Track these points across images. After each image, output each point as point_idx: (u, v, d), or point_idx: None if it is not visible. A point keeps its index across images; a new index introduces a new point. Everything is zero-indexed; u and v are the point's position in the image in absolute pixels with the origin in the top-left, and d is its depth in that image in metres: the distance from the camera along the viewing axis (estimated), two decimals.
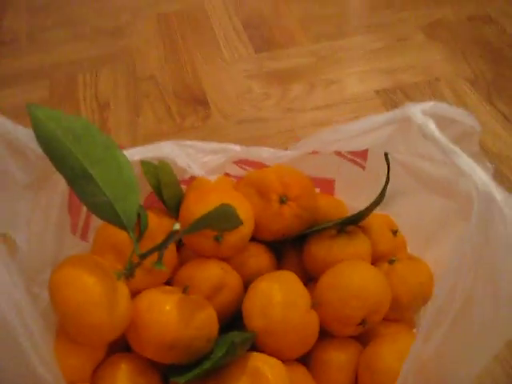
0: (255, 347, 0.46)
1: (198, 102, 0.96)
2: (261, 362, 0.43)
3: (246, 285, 0.52)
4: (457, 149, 0.30)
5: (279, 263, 0.57)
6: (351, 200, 0.59)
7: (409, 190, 0.51)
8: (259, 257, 0.55)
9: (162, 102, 0.96)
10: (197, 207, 0.49)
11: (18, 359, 0.28)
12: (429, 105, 0.34)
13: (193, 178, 0.56)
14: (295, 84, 0.99)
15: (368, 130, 0.42)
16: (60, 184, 0.48)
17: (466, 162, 0.29)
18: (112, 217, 0.39)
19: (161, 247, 0.38)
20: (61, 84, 1.03)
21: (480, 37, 1.08)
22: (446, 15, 1.12)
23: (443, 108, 0.33)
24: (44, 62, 1.09)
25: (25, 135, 0.39)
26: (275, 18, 1.16)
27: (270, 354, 0.45)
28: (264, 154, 0.50)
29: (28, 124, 0.92)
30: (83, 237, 0.52)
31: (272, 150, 0.50)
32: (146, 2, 1.23)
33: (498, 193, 0.27)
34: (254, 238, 0.55)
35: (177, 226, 0.36)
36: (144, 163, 0.51)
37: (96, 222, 0.53)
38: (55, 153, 0.39)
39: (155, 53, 1.09)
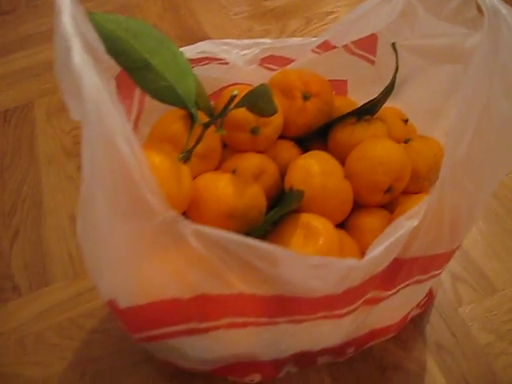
0: None
1: None
2: (311, 218, 0.49)
3: (280, 175, 0.58)
4: None
5: None
6: (364, 99, 0.66)
7: (417, 71, 0.57)
8: (289, 150, 0.61)
9: None
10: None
11: (133, 188, 0.34)
12: None
13: (222, 89, 0.62)
14: (292, 20, 1.05)
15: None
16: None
17: None
18: (174, 98, 0.46)
19: (222, 114, 0.45)
20: None
21: None
22: None
23: None
24: (48, 26, 1.13)
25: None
26: None
27: None
28: (291, 42, 0.56)
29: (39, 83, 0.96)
30: None
31: (298, 39, 0.56)
32: None
33: (503, 7, 0.34)
34: (281, 136, 0.62)
35: (236, 92, 0.43)
36: None
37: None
38: (118, 50, 0.45)
39: (154, 7, 1.13)
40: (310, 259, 0.35)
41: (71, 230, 0.77)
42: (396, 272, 0.42)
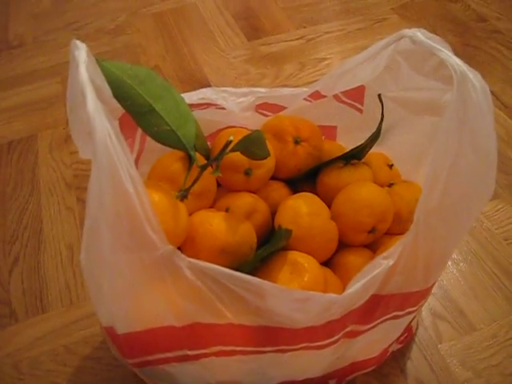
0: None
1: (202, 85, 1.06)
2: (298, 256, 0.53)
3: (271, 214, 0.62)
4: (439, 47, 0.41)
5: None
6: (352, 144, 0.70)
7: (401, 120, 0.61)
8: (280, 190, 0.65)
9: None
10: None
11: (135, 223, 0.37)
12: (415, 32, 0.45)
13: (218, 131, 0.66)
14: (287, 64, 1.10)
15: (370, 55, 0.53)
16: None
17: (446, 53, 0.40)
18: (174, 142, 0.50)
19: (218, 158, 0.48)
20: None
21: (447, 13, 1.21)
22: None
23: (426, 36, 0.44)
24: (53, 62, 1.18)
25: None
26: (262, 10, 1.27)
27: None
28: (284, 92, 0.61)
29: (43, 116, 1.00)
30: None
31: (290, 89, 0.61)
32: (140, 4, 1.33)
33: (469, 72, 0.39)
34: (273, 177, 0.66)
35: (231, 138, 0.47)
36: None
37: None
38: (124, 94, 0.49)
39: (156, 47, 1.19)
40: (293, 293, 0.39)
41: (69, 259, 0.81)
42: (374, 307, 0.45)
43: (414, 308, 0.51)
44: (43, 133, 1.01)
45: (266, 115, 0.65)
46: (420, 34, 0.43)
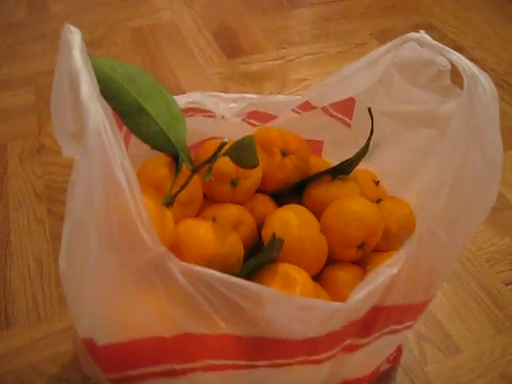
0: None
1: None
2: (288, 268, 0.50)
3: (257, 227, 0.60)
4: (447, 48, 0.41)
5: None
6: (337, 160, 0.68)
7: (392, 134, 0.60)
8: (266, 203, 0.63)
9: None
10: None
11: (126, 221, 0.34)
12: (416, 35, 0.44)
13: (202, 142, 0.64)
14: (267, 84, 1.10)
15: (369, 62, 0.51)
16: None
17: (456, 55, 0.40)
18: (164, 144, 0.47)
19: (211, 160, 0.46)
20: (46, 89, 1.09)
21: None
22: (394, 24, 1.27)
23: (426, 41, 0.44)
24: (27, 71, 1.14)
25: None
26: (242, 30, 1.27)
27: None
28: (276, 99, 0.59)
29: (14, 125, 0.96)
30: None
31: (282, 96, 0.59)
32: (118, 18, 1.31)
33: (480, 73, 0.38)
34: (258, 190, 0.64)
35: (226, 140, 0.44)
36: None
37: None
38: (112, 93, 0.46)
39: (134, 61, 1.17)
40: (296, 300, 0.36)
41: (37, 273, 0.76)
42: (374, 320, 0.43)
43: (412, 322, 0.49)
44: (14, 142, 0.97)
45: (255, 125, 0.63)
46: (426, 36, 0.42)
